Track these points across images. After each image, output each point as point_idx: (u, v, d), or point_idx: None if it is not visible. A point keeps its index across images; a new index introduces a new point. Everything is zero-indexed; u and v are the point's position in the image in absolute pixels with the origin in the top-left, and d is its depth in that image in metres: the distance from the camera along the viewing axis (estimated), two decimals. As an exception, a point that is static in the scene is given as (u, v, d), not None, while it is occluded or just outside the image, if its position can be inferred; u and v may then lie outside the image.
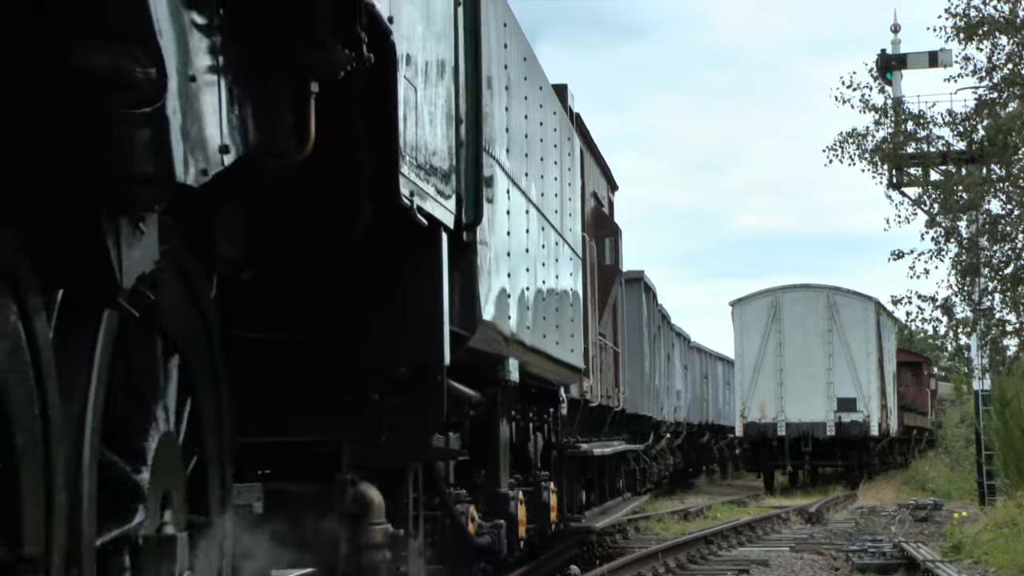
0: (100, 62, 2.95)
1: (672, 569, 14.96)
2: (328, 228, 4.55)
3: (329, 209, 4.45)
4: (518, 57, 7.45)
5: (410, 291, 5.03)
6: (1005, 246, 25.32)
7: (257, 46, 3.67)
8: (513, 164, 7.13)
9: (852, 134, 26.56)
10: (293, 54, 3.78)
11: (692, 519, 22.91)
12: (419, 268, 5.10)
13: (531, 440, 9.33)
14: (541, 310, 8.26)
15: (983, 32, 23.94)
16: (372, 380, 5.08)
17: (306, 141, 3.86)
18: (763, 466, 35.44)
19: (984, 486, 24.85)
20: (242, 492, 4.22)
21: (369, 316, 4.93)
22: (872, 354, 34.01)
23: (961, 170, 25.91)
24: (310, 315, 4.82)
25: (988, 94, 25.04)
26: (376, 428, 5.12)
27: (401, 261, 5.04)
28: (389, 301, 4.96)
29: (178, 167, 3.19)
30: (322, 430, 5.03)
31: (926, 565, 14.10)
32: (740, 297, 34.45)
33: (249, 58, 3.63)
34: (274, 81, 3.78)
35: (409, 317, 5.03)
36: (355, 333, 4.93)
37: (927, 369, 49.84)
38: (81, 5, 2.94)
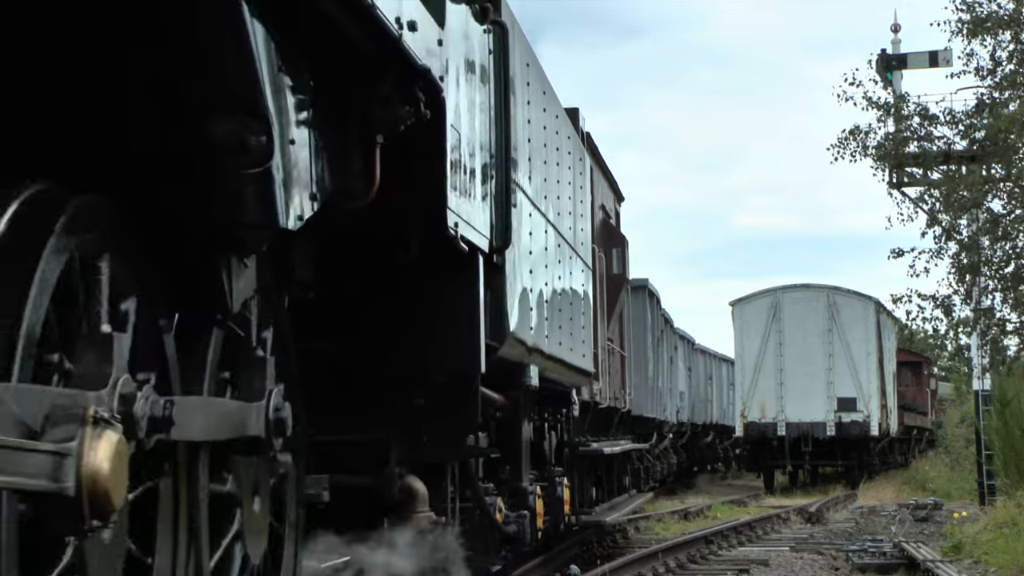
0: (227, 134, 3.74)
1: (672, 569, 15.15)
2: (382, 254, 5.38)
3: (383, 238, 5.28)
4: (538, 91, 8.35)
5: (450, 308, 5.86)
6: (1006, 245, 25.69)
7: (335, 107, 4.48)
8: (534, 189, 8.00)
9: (855, 131, 26.88)
10: (364, 112, 4.60)
11: (692, 519, 23.19)
12: (458, 287, 5.94)
13: (546, 439, 10.18)
14: (557, 320, 9.10)
15: (988, 27, 24.32)
16: (416, 387, 5.93)
17: (372, 185, 4.67)
18: (763, 466, 35.82)
19: (984, 486, 25.19)
20: (312, 483, 5.03)
21: (414, 330, 5.76)
22: (872, 354, 34.39)
23: (961, 168, 26.27)
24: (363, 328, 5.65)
25: (990, 93, 25.47)
26: (419, 429, 5.98)
27: (443, 281, 5.87)
28: (432, 316, 5.80)
29: (280, 215, 3.98)
30: (372, 430, 5.86)
31: (926, 565, 14.30)
32: (740, 297, 34.92)
33: (328, 118, 4.43)
34: (347, 136, 4.58)
35: (450, 331, 5.86)
36: (402, 345, 5.77)
37: (927, 369, 50.09)
38: (213, 88, 3.73)
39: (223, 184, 3.79)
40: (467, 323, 5.90)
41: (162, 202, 3.79)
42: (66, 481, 2.80)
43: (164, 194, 3.77)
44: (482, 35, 6.34)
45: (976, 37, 24.62)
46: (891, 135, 26.63)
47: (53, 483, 2.79)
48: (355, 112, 4.56)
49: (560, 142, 9.32)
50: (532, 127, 7.92)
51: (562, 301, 9.42)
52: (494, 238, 6.43)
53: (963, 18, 24.36)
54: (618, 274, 17.24)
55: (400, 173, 4.90)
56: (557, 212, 9.02)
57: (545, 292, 8.42)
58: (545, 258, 8.51)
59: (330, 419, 5.64)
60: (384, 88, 4.57)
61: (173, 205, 3.81)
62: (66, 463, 2.81)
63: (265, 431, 4.14)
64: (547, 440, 10.12)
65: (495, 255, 6.49)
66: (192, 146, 3.72)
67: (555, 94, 9.28)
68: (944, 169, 26.68)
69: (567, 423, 11.28)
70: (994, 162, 25.74)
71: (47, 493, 2.76)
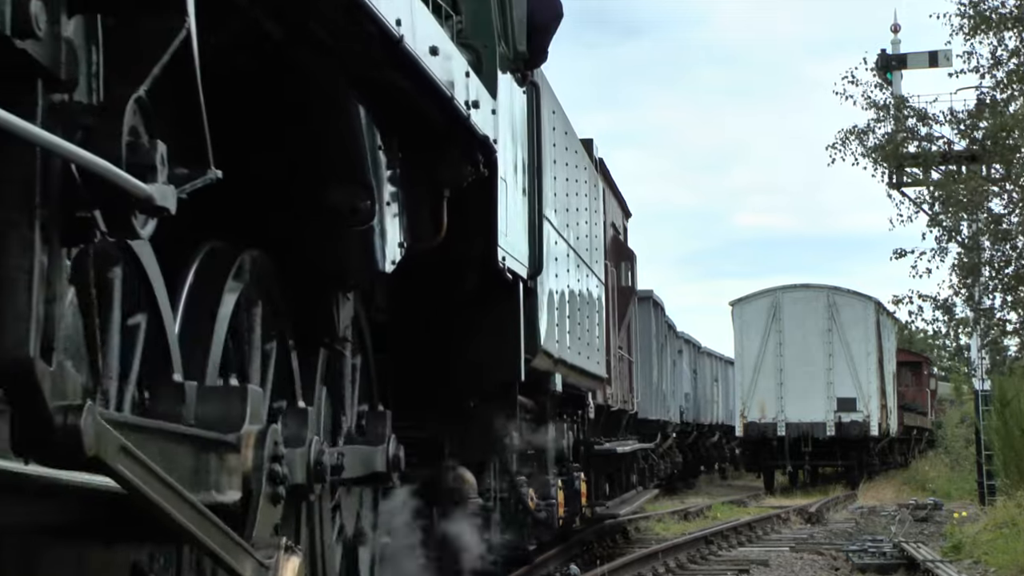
0: (341, 200, 5.04)
1: (672, 569, 15.51)
2: (444, 284, 6.72)
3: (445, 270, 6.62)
4: (561, 133, 9.75)
5: (498, 326, 7.24)
6: (1006, 245, 26.15)
7: (414, 170, 5.78)
8: (558, 219, 9.33)
9: (854, 131, 27.56)
10: (435, 173, 5.91)
11: (692, 519, 23.83)
12: (504, 309, 7.31)
13: (565, 437, 11.54)
14: (577, 332, 10.45)
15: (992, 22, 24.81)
16: (469, 393, 7.31)
17: (440, 230, 5.99)
18: (763, 466, 36.55)
19: (984, 486, 25.69)
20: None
21: (469, 345, 7.12)
22: (872, 354, 35.07)
23: (961, 169, 26.85)
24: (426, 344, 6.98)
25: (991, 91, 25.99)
26: (468, 428, 7.36)
27: (492, 305, 7.24)
28: (483, 334, 7.17)
29: (379, 261, 5.29)
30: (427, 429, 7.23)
31: (926, 565, 14.57)
32: (740, 297, 35.69)
33: (409, 179, 5.73)
34: (422, 192, 5.89)
35: (497, 346, 7.23)
36: (460, 358, 7.14)
37: (927, 369, 50.59)
38: (331, 164, 5.02)
39: (338, 238, 5.08)
40: (511, 339, 7.29)
41: (291, 252, 5.08)
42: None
43: (293, 246, 5.06)
44: (521, 95, 7.71)
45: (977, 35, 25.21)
46: (889, 135, 27.35)
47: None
48: (429, 173, 5.87)
49: (578, 174, 10.73)
50: (556, 166, 9.31)
51: (580, 315, 10.77)
52: (529, 266, 7.79)
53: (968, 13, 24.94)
54: (627, 287, 18.76)
55: (460, 218, 6.22)
56: (576, 237, 10.42)
57: (567, 308, 9.79)
58: (567, 278, 9.88)
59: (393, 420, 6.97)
60: (452, 154, 5.89)
61: (301, 255, 5.10)
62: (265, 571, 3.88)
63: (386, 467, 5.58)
64: (565, 439, 11.51)
65: (529, 280, 7.85)
66: (315, 209, 5.02)
67: (574, 130, 10.74)
68: (943, 169, 27.29)
69: (583, 424, 12.78)
70: (994, 162, 26.36)
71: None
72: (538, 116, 8.06)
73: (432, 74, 5.08)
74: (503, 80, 6.97)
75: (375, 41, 4.54)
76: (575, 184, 10.52)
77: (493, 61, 6.80)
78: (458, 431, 7.39)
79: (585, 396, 12.72)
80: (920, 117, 27.16)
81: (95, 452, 2.74)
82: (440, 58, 5.21)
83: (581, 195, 10.96)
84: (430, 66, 5.04)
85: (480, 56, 6.66)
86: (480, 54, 6.67)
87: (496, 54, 6.86)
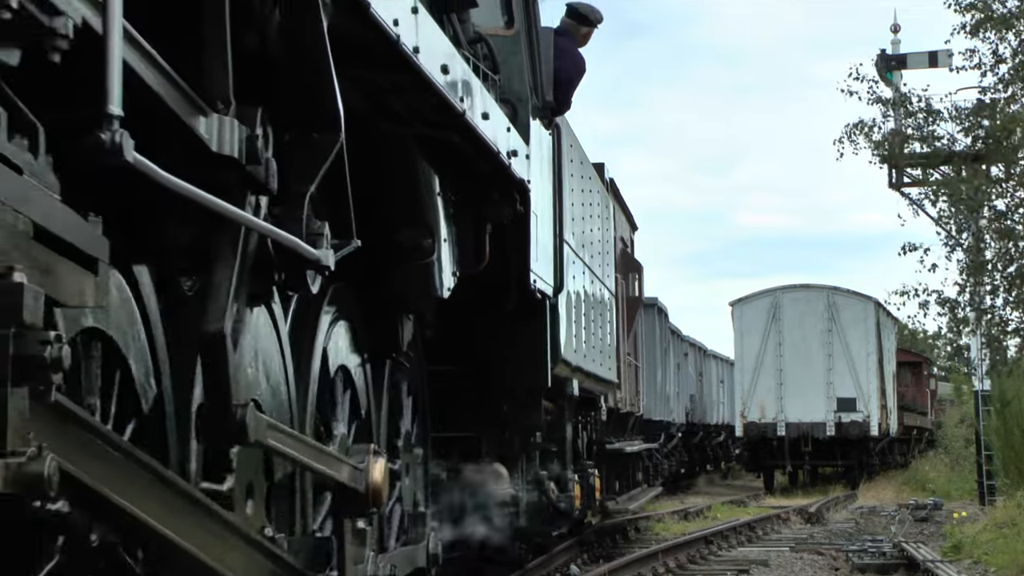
0: (409, 240, 6.39)
1: (672, 569, 15.91)
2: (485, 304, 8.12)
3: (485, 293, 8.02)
4: (578, 163, 11.30)
5: (529, 339, 8.71)
6: (1009, 243, 27.04)
7: (463, 210, 7.15)
8: (576, 240, 10.80)
9: (859, 125, 28.50)
10: (479, 211, 7.28)
11: (692, 519, 24.50)
12: (534, 325, 8.76)
13: (579, 437, 13.05)
14: (592, 341, 11.94)
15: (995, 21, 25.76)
16: (504, 398, 8.75)
17: (483, 259, 7.36)
18: (763, 466, 37.39)
19: (984, 486, 26.11)
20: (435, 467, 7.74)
21: (504, 357, 8.55)
22: (872, 354, 35.89)
23: (961, 169, 27.67)
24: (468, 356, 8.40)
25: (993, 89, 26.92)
26: (502, 428, 8.80)
27: (524, 321, 8.69)
28: (516, 346, 8.61)
29: (436, 289, 6.65)
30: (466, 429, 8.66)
31: (926, 565, 14.87)
32: (740, 297, 36.62)
33: (459, 218, 7.10)
34: (468, 228, 7.25)
35: (528, 357, 8.69)
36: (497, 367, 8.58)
37: (927, 369, 51.79)
38: (404, 212, 6.38)
39: (404, 270, 6.44)
40: (540, 351, 8.74)
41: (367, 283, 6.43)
42: (360, 485, 5.33)
43: (368, 278, 6.41)
44: (547, 137, 9.17)
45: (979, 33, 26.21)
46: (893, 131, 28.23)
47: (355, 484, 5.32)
48: (475, 212, 7.24)
49: (591, 198, 12.27)
50: (574, 193, 10.81)
51: (595, 326, 12.28)
52: (553, 285, 9.23)
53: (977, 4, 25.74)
54: (634, 296, 20.50)
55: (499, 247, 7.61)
56: (590, 255, 11.96)
57: (583, 320, 11.32)
58: (583, 293, 11.41)
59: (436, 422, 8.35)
60: (494, 195, 7.27)
61: (374, 285, 6.45)
62: (360, 475, 5.34)
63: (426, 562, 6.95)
64: (580, 438, 13.00)
65: (553, 297, 9.29)
66: (386, 247, 6.37)
67: (587, 158, 12.30)
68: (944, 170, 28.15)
69: (595, 425, 14.33)
70: (996, 162, 27.31)
71: (350, 489, 5.24)
72: (559, 153, 9.55)
73: (484, 135, 6.48)
74: (534, 127, 8.46)
75: (445, 114, 5.92)
76: (589, 207, 12.04)
77: (527, 113, 8.30)
78: (493, 431, 8.86)
79: (598, 399, 14.33)
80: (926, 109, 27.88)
81: (256, 437, 4.06)
82: (489, 121, 6.60)
83: (594, 216, 12.48)
84: (482, 129, 6.43)
85: (516, 110, 8.14)
86: (516, 108, 8.16)
87: (529, 106, 8.39)
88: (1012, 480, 23.04)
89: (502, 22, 8.56)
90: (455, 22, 7.18)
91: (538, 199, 8.33)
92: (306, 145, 4.22)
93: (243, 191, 3.85)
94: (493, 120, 6.78)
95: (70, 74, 2.94)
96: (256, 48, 4.15)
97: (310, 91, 4.24)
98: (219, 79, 3.73)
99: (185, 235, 3.83)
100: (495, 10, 8.50)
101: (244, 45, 3.99)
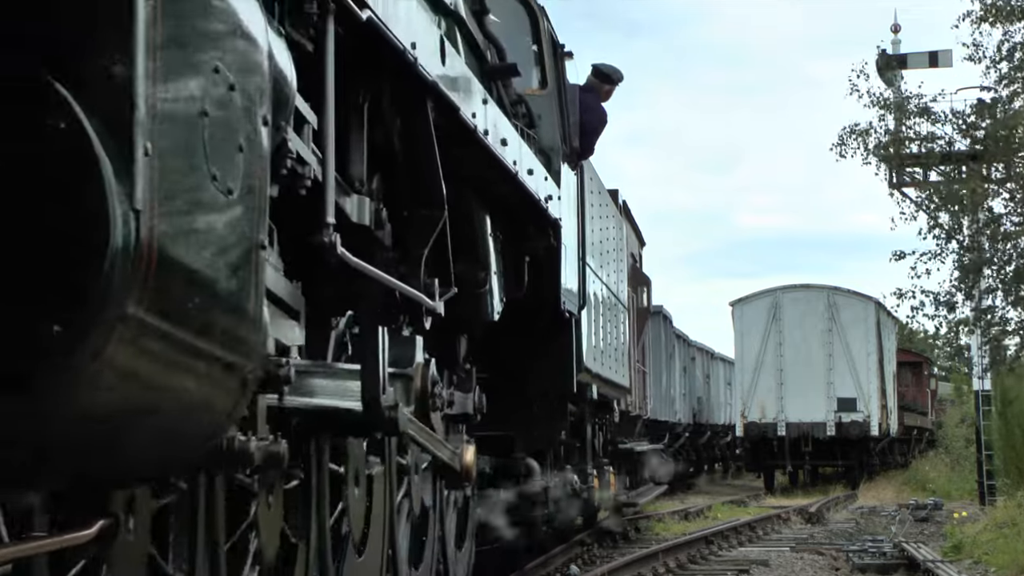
0: (468, 273, 8.27)
1: (672, 569, 16.32)
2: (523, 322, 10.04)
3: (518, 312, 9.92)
4: (597, 193, 13.35)
5: (558, 351, 10.65)
6: (1007, 244, 27.50)
7: (507, 246, 9.03)
8: (594, 261, 12.78)
9: (855, 129, 28.97)
10: (521, 246, 9.16)
11: (692, 519, 25.32)
12: (562, 339, 10.69)
13: (596, 437, 15.07)
14: (608, 351, 13.98)
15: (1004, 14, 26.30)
16: (535, 401, 10.67)
17: (523, 286, 9.24)
18: (763, 466, 38.57)
19: (984, 486, 27.19)
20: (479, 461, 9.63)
21: (537, 366, 10.48)
22: (872, 354, 36.99)
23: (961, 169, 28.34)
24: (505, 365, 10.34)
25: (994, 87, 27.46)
26: (532, 428, 10.73)
27: (553, 336, 10.63)
28: (547, 357, 10.55)
29: (488, 313, 8.53)
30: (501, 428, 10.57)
31: (926, 565, 15.26)
32: (740, 297, 37.83)
33: (504, 253, 8.98)
34: (512, 260, 9.14)
35: (557, 366, 10.64)
36: (530, 376, 10.51)
37: (927, 369, 52.77)
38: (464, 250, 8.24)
39: (464, 299, 8.32)
40: (567, 362, 10.67)
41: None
42: (457, 464, 7.24)
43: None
44: (573, 176, 11.13)
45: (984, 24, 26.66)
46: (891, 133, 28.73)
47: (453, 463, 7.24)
48: (517, 247, 9.12)
49: (607, 223, 14.30)
50: (593, 221, 12.78)
51: (611, 337, 14.39)
52: (578, 303, 11.15)
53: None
54: (643, 307, 22.99)
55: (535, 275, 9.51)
56: (608, 274, 13.97)
57: (601, 332, 13.30)
58: (601, 308, 13.43)
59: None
60: (532, 232, 9.15)
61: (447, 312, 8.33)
62: (456, 457, 7.24)
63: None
64: (597, 438, 15.01)
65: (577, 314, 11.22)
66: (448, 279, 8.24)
67: (604, 187, 14.28)
68: (943, 170, 28.79)
69: (609, 426, 16.40)
70: (995, 162, 27.89)
71: (450, 468, 7.15)
72: (583, 190, 11.54)
73: (529, 188, 8.38)
74: (564, 171, 10.45)
75: (502, 174, 7.81)
76: (606, 231, 14.08)
77: (558, 160, 10.29)
78: (525, 430, 10.79)
79: (612, 403, 16.45)
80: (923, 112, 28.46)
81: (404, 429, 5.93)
82: (533, 176, 8.51)
83: (610, 239, 14.52)
84: (528, 183, 8.33)
85: (550, 158, 10.10)
86: (550, 157, 10.13)
87: (560, 154, 10.34)
88: (1012, 480, 24.42)
89: (536, 83, 10.57)
90: (501, 88, 9.08)
91: (567, 232, 10.25)
92: (419, 218, 6.08)
93: (371, 250, 5.68)
94: (536, 174, 8.71)
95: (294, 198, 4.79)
96: (381, 142, 6.02)
97: (422, 177, 6.12)
98: (357, 167, 5.60)
99: (336, 287, 5.68)
100: (530, 71, 10.51)
101: (373, 140, 5.86)
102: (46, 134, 2.66)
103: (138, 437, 3.14)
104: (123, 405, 2.94)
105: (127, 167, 2.73)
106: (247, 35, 3.43)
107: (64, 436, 2.81)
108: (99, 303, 2.64)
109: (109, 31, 2.77)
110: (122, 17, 2.76)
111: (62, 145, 2.66)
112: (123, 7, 2.76)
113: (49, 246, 2.65)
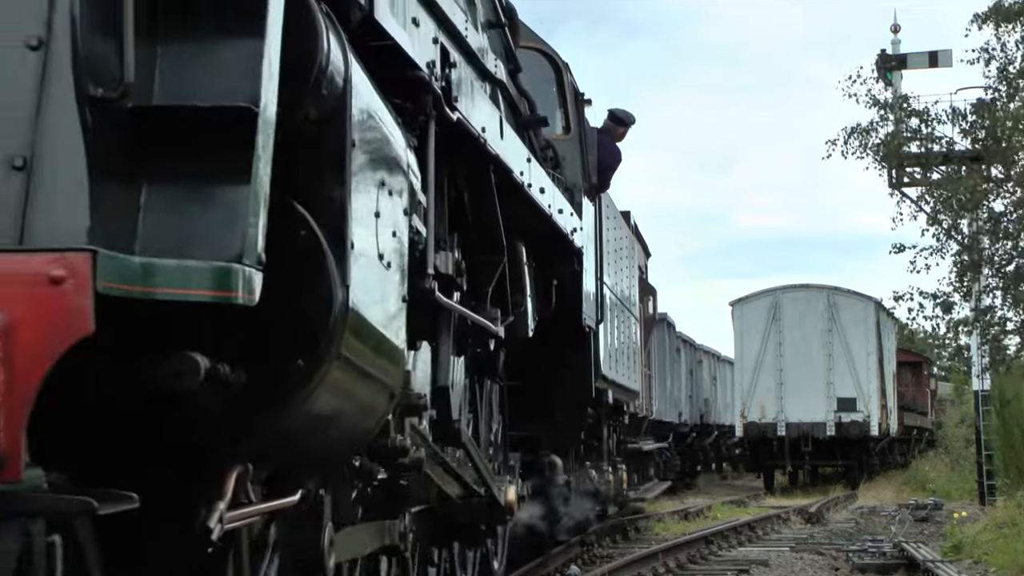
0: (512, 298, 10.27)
1: (672, 569, 16.82)
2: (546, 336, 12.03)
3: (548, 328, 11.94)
4: (612, 219, 15.48)
5: (579, 362, 12.72)
6: (1007, 244, 28.49)
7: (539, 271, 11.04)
8: (610, 280, 14.88)
9: (856, 129, 30.07)
10: (549, 272, 11.18)
11: (692, 519, 25.96)
12: (582, 351, 12.74)
13: (611, 437, 17.20)
14: (620, 358, 16.05)
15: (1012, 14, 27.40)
16: (558, 406, 12.72)
17: (550, 306, 11.26)
18: (763, 466, 39.68)
19: (984, 486, 28.06)
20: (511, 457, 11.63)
21: (560, 376, 12.54)
22: (872, 354, 38.15)
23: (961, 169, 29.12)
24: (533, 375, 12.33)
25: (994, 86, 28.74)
26: (556, 430, 12.78)
27: (574, 348, 12.68)
28: (569, 367, 12.61)
29: (528, 330, 10.55)
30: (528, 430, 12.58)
31: (926, 565, 15.70)
32: (740, 297, 39.07)
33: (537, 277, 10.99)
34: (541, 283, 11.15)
35: (577, 376, 12.71)
36: (556, 385, 12.56)
37: (927, 369, 54.16)
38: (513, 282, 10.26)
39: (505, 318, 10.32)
40: (587, 371, 12.72)
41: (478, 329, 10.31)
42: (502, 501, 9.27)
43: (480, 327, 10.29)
44: (592, 207, 13.17)
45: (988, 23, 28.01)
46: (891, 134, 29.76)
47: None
48: (546, 272, 11.14)
49: (621, 244, 16.49)
50: (609, 243, 14.84)
51: (623, 346, 16.51)
52: (596, 318, 13.20)
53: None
54: (650, 316, 25.48)
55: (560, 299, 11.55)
56: (621, 290, 16.13)
57: (615, 342, 15.36)
58: (615, 319, 15.51)
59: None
60: (558, 259, 11.17)
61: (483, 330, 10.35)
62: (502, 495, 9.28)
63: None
64: (611, 438, 17.12)
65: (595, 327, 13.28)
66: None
67: (617, 211, 16.37)
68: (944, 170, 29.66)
69: (621, 427, 18.59)
70: (995, 162, 28.91)
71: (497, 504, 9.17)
72: (600, 218, 13.61)
73: (559, 225, 10.40)
74: (585, 203, 12.50)
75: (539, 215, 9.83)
76: (619, 252, 16.29)
77: (580, 194, 12.39)
78: (550, 431, 12.84)
79: (623, 406, 18.47)
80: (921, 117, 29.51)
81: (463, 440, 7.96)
82: (562, 215, 10.53)
83: (623, 258, 16.71)
84: (559, 220, 10.36)
85: (573, 194, 12.14)
86: (573, 192, 12.18)
87: (582, 189, 12.39)
88: (1012, 480, 24.82)
89: (560, 128, 12.65)
90: (532, 135, 11.05)
91: (587, 257, 12.29)
92: (485, 263, 8.08)
93: (451, 290, 7.61)
94: (564, 212, 10.74)
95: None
96: (454, 204, 8.02)
97: (488, 231, 8.12)
98: (441, 227, 7.58)
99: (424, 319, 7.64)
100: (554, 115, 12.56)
101: (450, 203, 7.85)
102: (297, 240, 4.50)
103: (335, 430, 5.09)
104: (330, 410, 4.82)
105: (342, 258, 4.66)
106: (396, 152, 5.41)
107: (299, 429, 4.70)
108: (326, 346, 4.56)
109: (332, 170, 4.66)
110: (343, 161, 4.67)
111: (305, 244, 4.54)
112: (343, 158, 4.64)
113: (298, 309, 4.36)
